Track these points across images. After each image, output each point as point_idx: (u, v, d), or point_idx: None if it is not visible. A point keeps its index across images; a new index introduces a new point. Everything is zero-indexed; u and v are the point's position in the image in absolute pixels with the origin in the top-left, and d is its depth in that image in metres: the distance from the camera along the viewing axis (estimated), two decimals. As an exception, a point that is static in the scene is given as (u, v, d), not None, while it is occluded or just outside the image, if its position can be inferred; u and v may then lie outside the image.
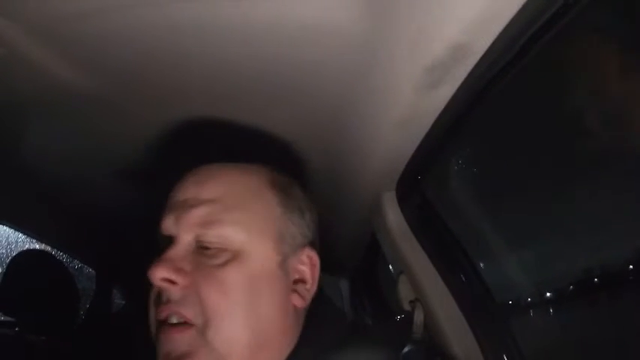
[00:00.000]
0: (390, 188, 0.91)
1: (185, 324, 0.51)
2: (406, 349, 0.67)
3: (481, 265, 0.85)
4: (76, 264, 1.76)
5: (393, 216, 0.92)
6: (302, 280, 0.58)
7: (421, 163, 0.76)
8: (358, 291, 1.92)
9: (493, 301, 0.83)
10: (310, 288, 0.58)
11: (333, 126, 0.70)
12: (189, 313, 0.51)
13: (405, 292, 0.91)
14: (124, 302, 1.89)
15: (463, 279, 0.84)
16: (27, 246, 1.96)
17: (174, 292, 0.52)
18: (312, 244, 0.60)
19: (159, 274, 0.51)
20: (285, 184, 0.61)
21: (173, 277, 0.51)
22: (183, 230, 0.54)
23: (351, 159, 0.81)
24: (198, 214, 0.54)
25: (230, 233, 0.54)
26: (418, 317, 0.85)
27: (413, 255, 0.88)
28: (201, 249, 0.54)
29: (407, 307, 0.90)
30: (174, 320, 0.52)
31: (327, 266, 0.62)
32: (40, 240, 1.40)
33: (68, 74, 0.61)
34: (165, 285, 0.52)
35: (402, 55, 0.44)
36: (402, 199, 0.91)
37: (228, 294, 0.51)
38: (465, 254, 0.86)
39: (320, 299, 0.60)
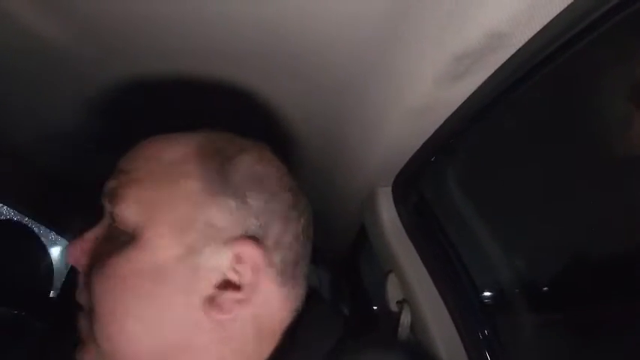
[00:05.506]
0: (387, 184, 0.88)
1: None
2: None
3: (473, 268, 0.84)
4: (52, 236, 1.70)
5: (387, 213, 0.89)
6: (231, 285, 0.43)
7: (423, 160, 0.73)
8: (339, 282, 1.91)
9: (482, 305, 0.82)
10: (243, 298, 0.43)
11: (337, 107, 0.65)
12: (81, 299, 0.45)
13: (392, 291, 0.89)
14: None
15: (454, 282, 0.82)
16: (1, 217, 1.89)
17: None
18: (255, 240, 0.44)
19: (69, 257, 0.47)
20: (227, 155, 0.46)
21: (73, 260, 0.47)
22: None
23: (351, 146, 0.76)
24: (109, 185, 0.46)
25: (124, 210, 0.44)
26: (405, 318, 0.83)
27: (404, 255, 0.86)
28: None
29: (394, 307, 0.88)
30: None
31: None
32: (13, 208, 1.34)
33: (32, 20, 0.51)
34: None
35: (430, 37, 0.40)
36: (398, 197, 0.88)
37: (112, 285, 0.42)
38: (459, 258, 0.84)
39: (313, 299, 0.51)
